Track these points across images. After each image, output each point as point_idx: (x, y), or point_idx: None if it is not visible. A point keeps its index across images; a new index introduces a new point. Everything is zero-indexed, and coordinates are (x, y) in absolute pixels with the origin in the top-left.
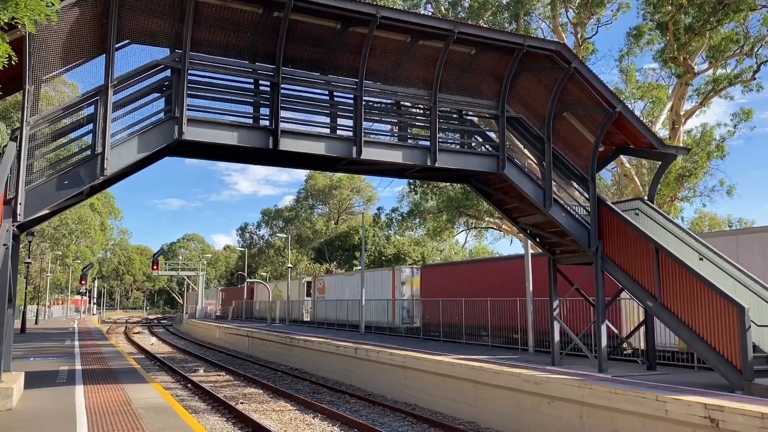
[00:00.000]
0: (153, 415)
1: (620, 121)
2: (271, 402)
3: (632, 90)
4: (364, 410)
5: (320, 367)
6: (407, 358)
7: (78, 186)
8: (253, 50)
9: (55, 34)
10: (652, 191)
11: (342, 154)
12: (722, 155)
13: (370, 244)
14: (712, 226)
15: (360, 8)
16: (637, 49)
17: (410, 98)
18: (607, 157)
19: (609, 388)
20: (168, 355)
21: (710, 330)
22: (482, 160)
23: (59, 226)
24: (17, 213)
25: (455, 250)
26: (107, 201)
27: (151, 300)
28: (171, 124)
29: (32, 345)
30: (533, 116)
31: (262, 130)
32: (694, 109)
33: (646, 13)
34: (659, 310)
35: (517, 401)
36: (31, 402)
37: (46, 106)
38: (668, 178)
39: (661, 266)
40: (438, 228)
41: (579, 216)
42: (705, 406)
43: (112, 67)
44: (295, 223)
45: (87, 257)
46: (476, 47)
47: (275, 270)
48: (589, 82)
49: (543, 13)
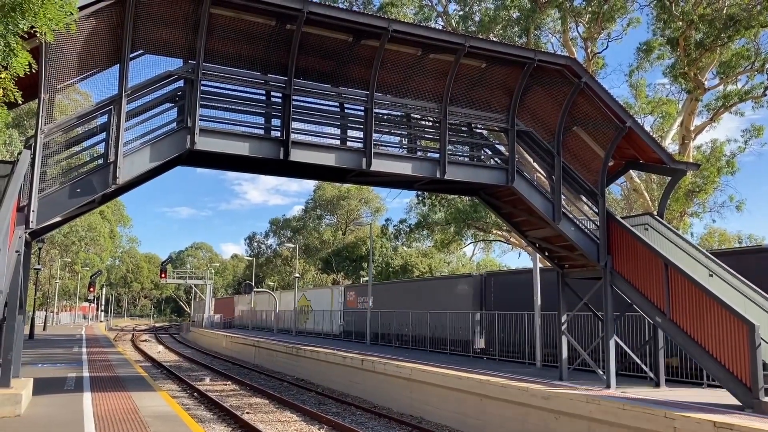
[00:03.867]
0: (160, 424)
1: (630, 135)
2: (276, 412)
3: (642, 105)
4: (370, 422)
5: (326, 378)
6: (413, 371)
7: (90, 194)
8: (265, 62)
9: (71, 43)
10: (661, 206)
11: (352, 165)
12: (732, 171)
13: (377, 255)
14: (722, 242)
15: (372, 21)
16: (647, 64)
17: (420, 110)
18: (616, 172)
19: (617, 404)
20: (174, 363)
21: (720, 347)
22: (491, 173)
23: (69, 233)
24: (30, 220)
25: (463, 263)
26: (117, 209)
27: (159, 308)
28: (183, 133)
29: (41, 351)
30: (543, 130)
31: (273, 141)
32: (704, 125)
33: (657, 28)
34: (668, 326)
35: (524, 416)
36: (39, 408)
37: (60, 114)
38: (678, 193)
39: (670, 282)
40: (446, 240)
41: (588, 230)
42: (714, 424)
43: (126, 77)
44: (303, 233)
45: (96, 264)
46: (487, 61)
47: (282, 280)
48: (599, 96)
49: (553, 27)
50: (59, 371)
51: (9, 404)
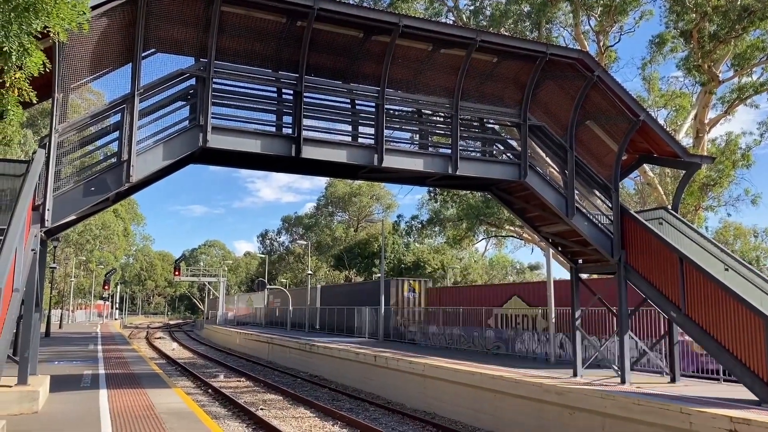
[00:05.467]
0: (175, 420)
1: (644, 129)
2: (290, 409)
3: (655, 98)
4: (384, 418)
5: (339, 374)
6: (427, 367)
7: (104, 192)
8: (276, 59)
9: (84, 43)
10: (676, 200)
11: (363, 162)
12: (748, 164)
13: (389, 251)
14: (738, 236)
15: (383, 17)
16: (660, 57)
17: (431, 106)
18: (630, 166)
19: (632, 399)
20: (189, 360)
21: (736, 342)
22: (504, 168)
23: (83, 231)
24: (45, 219)
25: (475, 258)
26: (131, 207)
27: (173, 305)
28: (195, 131)
29: (57, 349)
30: (555, 124)
31: (284, 138)
32: (719, 118)
33: (670, 21)
34: (683, 321)
35: (538, 411)
36: (56, 405)
37: (73, 114)
38: (692, 187)
39: (685, 276)
40: (458, 236)
41: (602, 225)
42: (731, 419)
43: (138, 76)
44: (315, 230)
45: (110, 263)
46: (498, 55)
47: (295, 277)
48: (612, 90)
49: (565, 21)
50: (75, 368)
51: (26, 401)
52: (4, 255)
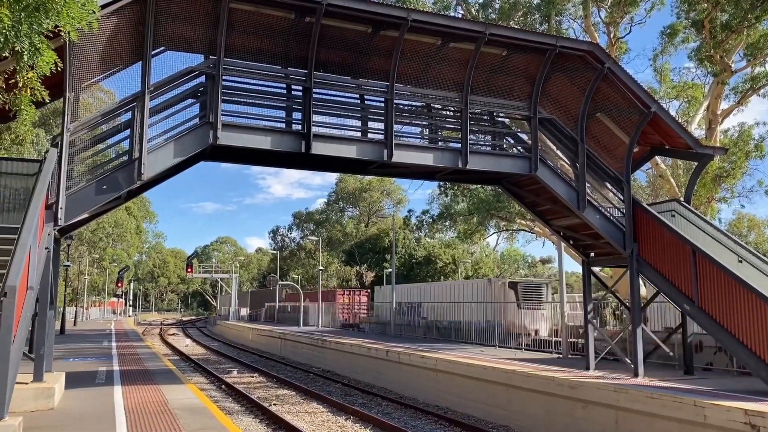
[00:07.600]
0: (189, 416)
1: (655, 121)
2: (303, 404)
3: (667, 89)
4: (396, 413)
5: (352, 369)
6: (439, 362)
7: (116, 190)
8: (285, 55)
9: (94, 42)
10: (688, 192)
11: (373, 157)
12: (761, 155)
13: (400, 246)
14: (751, 227)
15: (391, 12)
16: (671, 47)
17: (441, 100)
18: (641, 158)
19: (645, 393)
20: (202, 356)
21: (750, 334)
22: (514, 161)
23: (96, 229)
24: (58, 217)
25: (486, 253)
26: (143, 205)
27: (185, 302)
28: (206, 129)
29: (71, 346)
30: (566, 117)
31: (294, 134)
32: (732, 108)
33: (681, 11)
34: (697, 313)
35: (550, 405)
36: (71, 402)
37: (85, 112)
38: (705, 178)
39: (698, 268)
40: (469, 230)
41: (614, 218)
42: (745, 412)
43: (148, 74)
44: (326, 226)
45: (123, 260)
46: (507, 49)
47: (306, 272)
48: (623, 82)
49: (574, 13)
50: (90, 365)
51: (42, 398)
52: (18, 254)
